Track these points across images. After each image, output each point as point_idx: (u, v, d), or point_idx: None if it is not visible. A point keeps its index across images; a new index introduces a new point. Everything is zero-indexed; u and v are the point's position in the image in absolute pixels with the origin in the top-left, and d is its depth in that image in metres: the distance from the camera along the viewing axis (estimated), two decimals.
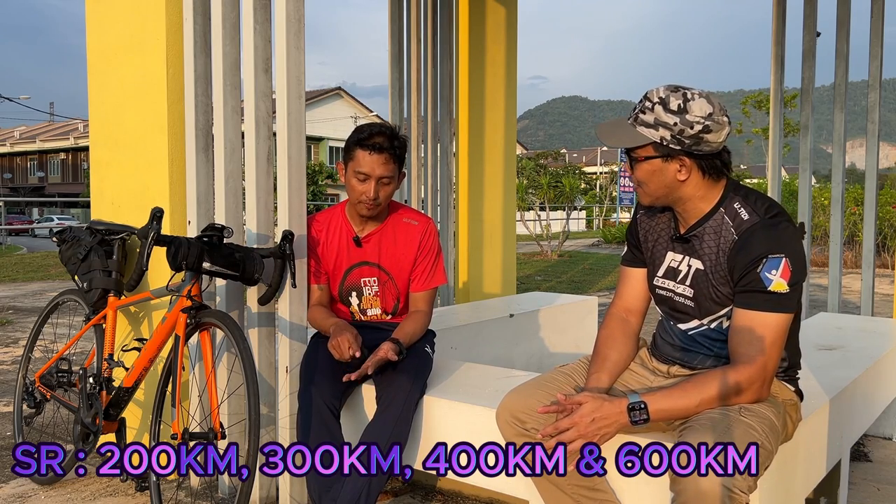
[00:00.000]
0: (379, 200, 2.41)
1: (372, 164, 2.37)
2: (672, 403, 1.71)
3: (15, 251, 16.24)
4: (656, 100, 1.75)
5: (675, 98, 1.73)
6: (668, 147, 1.75)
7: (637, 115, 1.78)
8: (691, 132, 1.72)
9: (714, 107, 1.72)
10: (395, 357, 2.28)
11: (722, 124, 1.74)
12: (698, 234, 1.84)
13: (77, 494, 2.75)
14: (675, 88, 1.76)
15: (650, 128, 1.75)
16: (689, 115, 1.71)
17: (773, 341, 1.71)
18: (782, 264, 1.69)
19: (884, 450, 3.24)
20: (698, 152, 1.75)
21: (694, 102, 1.72)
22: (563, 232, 15.80)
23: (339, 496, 2.15)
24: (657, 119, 1.74)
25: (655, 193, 1.83)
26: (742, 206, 1.79)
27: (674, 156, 1.76)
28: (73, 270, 2.85)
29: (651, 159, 1.78)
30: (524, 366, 3.86)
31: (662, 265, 1.94)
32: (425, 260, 2.55)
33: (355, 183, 2.41)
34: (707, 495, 1.53)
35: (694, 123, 1.71)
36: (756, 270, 1.70)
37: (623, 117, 1.85)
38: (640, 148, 1.79)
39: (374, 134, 2.37)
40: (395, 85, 4.57)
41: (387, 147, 2.37)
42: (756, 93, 23.87)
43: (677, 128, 1.72)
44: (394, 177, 2.42)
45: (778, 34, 4.72)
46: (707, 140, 1.73)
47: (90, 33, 3.12)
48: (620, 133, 1.81)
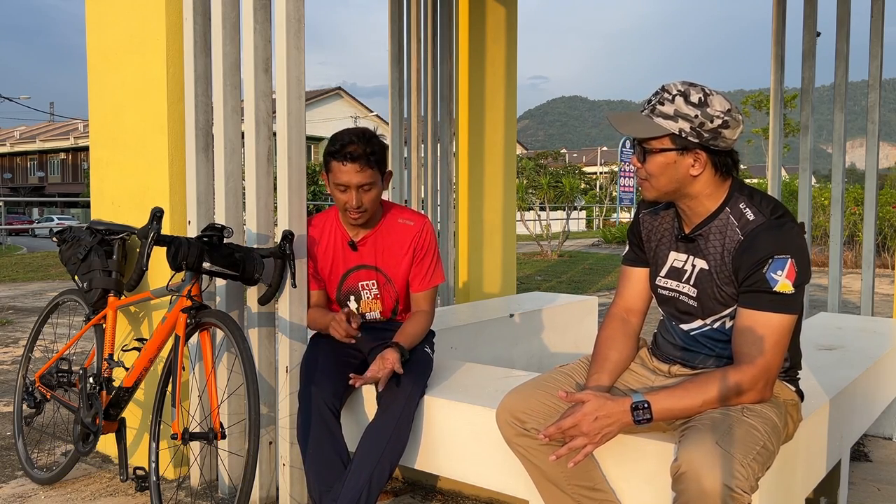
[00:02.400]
0: (364, 207, 2.39)
1: (348, 175, 2.33)
2: (675, 403, 1.71)
3: (15, 251, 16.24)
4: (675, 92, 1.74)
5: (695, 91, 1.73)
6: (686, 139, 1.74)
7: (654, 107, 1.76)
8: (711, 126, 1.72)
9: (731, 104, 1.73)
10: (401, 370, 2.28)
11: (738, 122, 1.75)
12: (703, 234, 1.83)
13: (77, 494, 2.75)
14: (692, 84, 1.77)
15: (669, 119, 1.74)
16: (710, 108, 1.72)
17: (776, 342, 1.71)
18: (788, 265, 1.69)
19: (884, 450, 3.24)
20: (714, 147, 1.75)
21: (714, 97, 1.73)
22: (563, 232, 15.79)
23: (339, 496, 2.15)
24: (677, 111, 1.73)
25: (665, 188, 1.81)
26: (747, 206, 1.78)
27: (690, 149, 1.75)
28: (73, 270, 2.85)
29: (666, 151, 1.77)
30: (524, 366, 3.86)
31: (665, 265, 1.94)
32: (423, 260, 2.54)
33: (338, 194, 2.39)
34: (708, 495, 1.52)
35: (714, 117, 1.72)
36: (762, 271, 1.70)
37: (636, 110, 1.84)
38: (655, 139, 1.77)
39: (345, 144, 2.34)
40: (395, 85, 4.56)
41: (359, 155, 2.33)
42: (756, 93, 23.88)
43: (698, 120, 1.72)
44: (374, 182, 2.38)
45: (778, 34, 4.72)
46: (724, 136, 1.74)
47: (90, 33, 3.12)
48: (637, 123, 1.79)
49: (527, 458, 1.94)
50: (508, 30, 5.26)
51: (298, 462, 2.43)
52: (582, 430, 1.72)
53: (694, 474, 1.54)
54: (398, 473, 2.89)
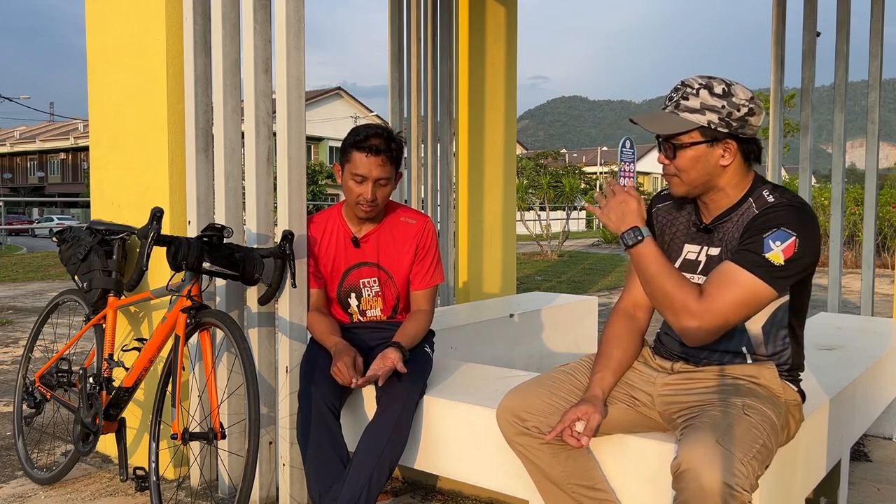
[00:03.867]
0: (377, 202, 2.41)
1: (369, 166, 2.36)
2: (658, 260, 1.77)
3: (15, 251, 16.24)
4: (698, 85, 1.76)
5: (717, 83, 1.75)
6: (716, 131, 1.76)
7: (678, 102, 1.78)
8: (738, 114, 1.74)
9: (751, 92, 1.76)
10: (403, 369, 2.27)
11: (761, 108, 1.78)
12: (723, 224, 1.85)
13: (77, 494, 2.75)
14: (711, 76, 1.79)
15: (696, 113, 1.76)
16: (735, 98, 1.74)
17: (741, 301, 1.69)
18: (790, 241, 1.68)
19: (884, 450, 3.24)
20: (743, 136, 1.77)
21: (735, 87, 1.75)
22: (563, 232, 15.80)
23: (339, 496, 2.15)
24: (703, 103, 1.75)
25: (695, 182, 1.82)
26: (770, 193, 1.80)
27: (719, 139, 1.77)
28: (73, 270, 2.85)
29: (696, 145, 1.78)
30: (524, 366, 3.86)
31: (679, 259, 1.94)
32: (425, 258, 2.55)
33: (352, 185, 2.40)
34: (709, 494, 1.52)
35: (740, 106, 1.74)
36: (761, 235, 1.71)
37: (658, 110, 1.85)
38: (684, 134, 1.78)
39: (370, 136, 2.36)
40: (395, 85, 4.56)
41: (384, 149, 2.36)
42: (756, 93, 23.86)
43: (725, 110, 1.74)
44: (391, 178, 2.42)
45: (778, 34, 4.72)
46: (751, 123, 1.76)
47: (90, 33, 3.13)
48: (664, 120, 1.80)
49: (527, 458, 1.94)
50: (508, 30, 5.26)
51: (298, 462, 2.43)
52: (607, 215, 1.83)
53: (694, 473, 1.54)
54: (398, 473, 2.89)
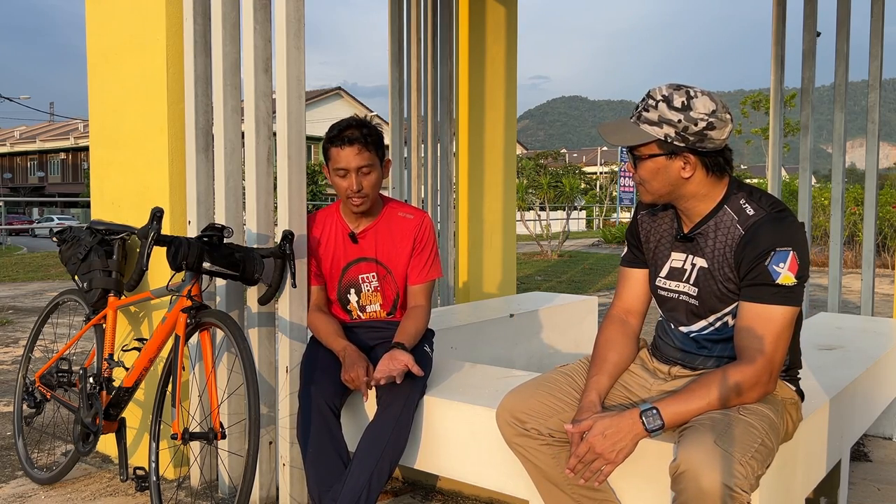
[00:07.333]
0: (365, 191, 2.42)
1: (347, 158, 2.38)
2: (683, 406, 1.70)
3: (15, 251, 16.24)
4: (659, 98, 1.75)
5: (678, 95, 1.73)
6: (673, 144, 1.75)
7: (640, 114, 1.78)
8: (695, 129, 1.72)
9: (717, 104, 1.73)
10: (420, 372, 2.27)
11: (725, 121, 1.74)
12: (703, 233, 1.84)
13: (77, 494, 2.75)
14: (678, 87, 1.77)
15: (654, 125, 1.75)
16: (694, 112, 1.72)
17: (779, 335, 1.71)
18: (790, 257, 1.69)
19: (884, 450, 3.24)
20: (702, 149, 1.75)
21: (697, 100, 1.72)
22: (563, 232, 15.79)
23: (339, 496, 2.15)
24: (661, 116, 1.74)
25: (658, 191, 1.83)
26: (747, 202, 1.79)
27: (678, 153, 1.76)
28: (73, 270, 2.85)
29: (655, 157, 1.78)
30: (524, 366, 3.86)
31: (665, 266, 1.94)
32: (422, 252, 2.56)
33: (338, 181, 2.42)
34: (708, 494, 1.53)
35: (698, 120, 1.72)
36: (764, 264, 1.71)
37: (626, 117, 1.85)
38: (643, 146, 1.78)
39: (342, 129, 2.40)
40: (395, 85, 4.56)
41: (356, 137, 2.38)
42: (756, 93, 23.85)
43: (681, 125, 1.72)
44: (373, 164, 2.42)
45: (778, 34, 4.72)
46: (711, 137, 1.74)
47: (90, 33, 3.13)
48: (624, 131, 1.81)
49: (527, 459, 1.94)
50: (508, 30, 5.26)
51: (298, 462, 2.43)
52: (596, 451, 1.71)
53: (693, 474, 1.54)
54: (398, 473, 2.89)
